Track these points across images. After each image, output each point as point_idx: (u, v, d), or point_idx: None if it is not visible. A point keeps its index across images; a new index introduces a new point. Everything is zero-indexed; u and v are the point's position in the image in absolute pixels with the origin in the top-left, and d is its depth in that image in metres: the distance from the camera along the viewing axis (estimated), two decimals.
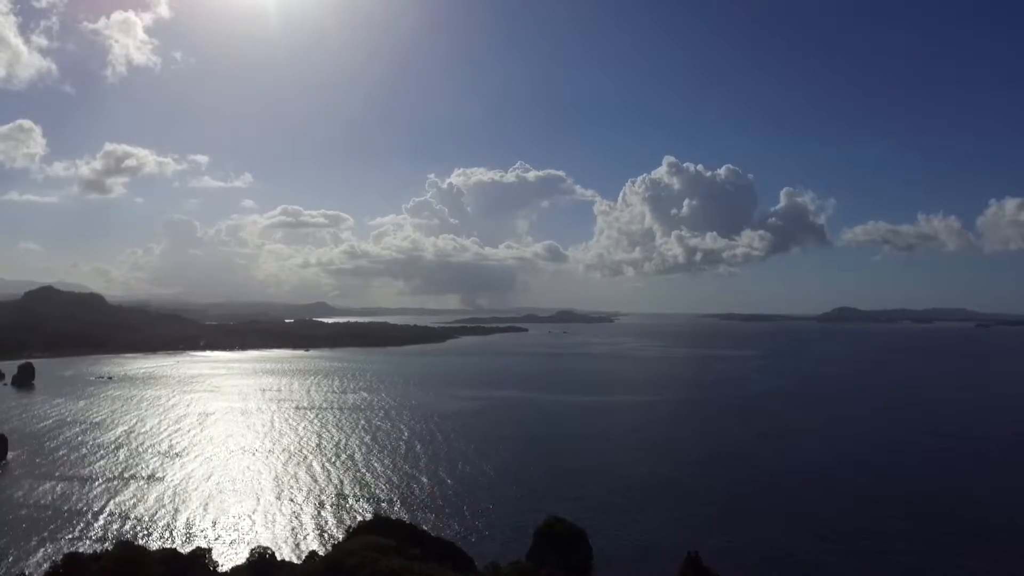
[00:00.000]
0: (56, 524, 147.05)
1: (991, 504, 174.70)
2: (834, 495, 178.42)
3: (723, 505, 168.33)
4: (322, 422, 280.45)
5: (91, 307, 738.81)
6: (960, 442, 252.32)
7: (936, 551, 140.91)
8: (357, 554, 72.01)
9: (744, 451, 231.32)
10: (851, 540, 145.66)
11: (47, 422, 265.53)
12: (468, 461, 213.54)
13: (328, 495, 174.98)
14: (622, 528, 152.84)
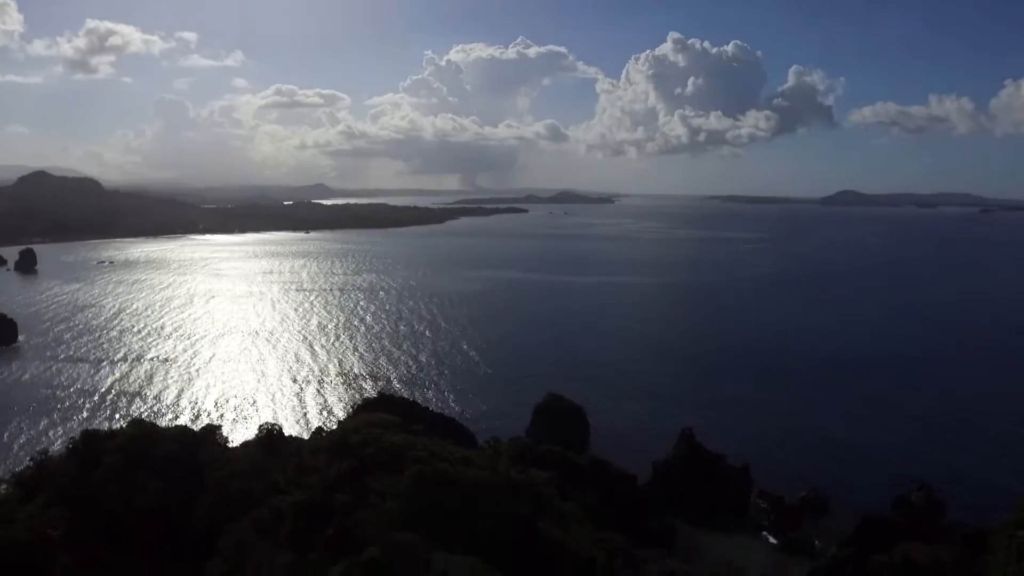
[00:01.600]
0: (70, 404, 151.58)
1: (962, 384, 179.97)
2: (828, 378, 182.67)
3: (718, 386, 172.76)
4: (324, 303, 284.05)
5: (87, 192, 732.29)
6: (951, 329, 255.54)
7: (915, 428, 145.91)
8: (361, 431, 74.30)
9: (741, 334, 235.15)
10: (840, 420, 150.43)
11: (53, 306, 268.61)
12: (469, 341, 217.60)
13: (331, 374, 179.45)
14: (620, 406, 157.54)
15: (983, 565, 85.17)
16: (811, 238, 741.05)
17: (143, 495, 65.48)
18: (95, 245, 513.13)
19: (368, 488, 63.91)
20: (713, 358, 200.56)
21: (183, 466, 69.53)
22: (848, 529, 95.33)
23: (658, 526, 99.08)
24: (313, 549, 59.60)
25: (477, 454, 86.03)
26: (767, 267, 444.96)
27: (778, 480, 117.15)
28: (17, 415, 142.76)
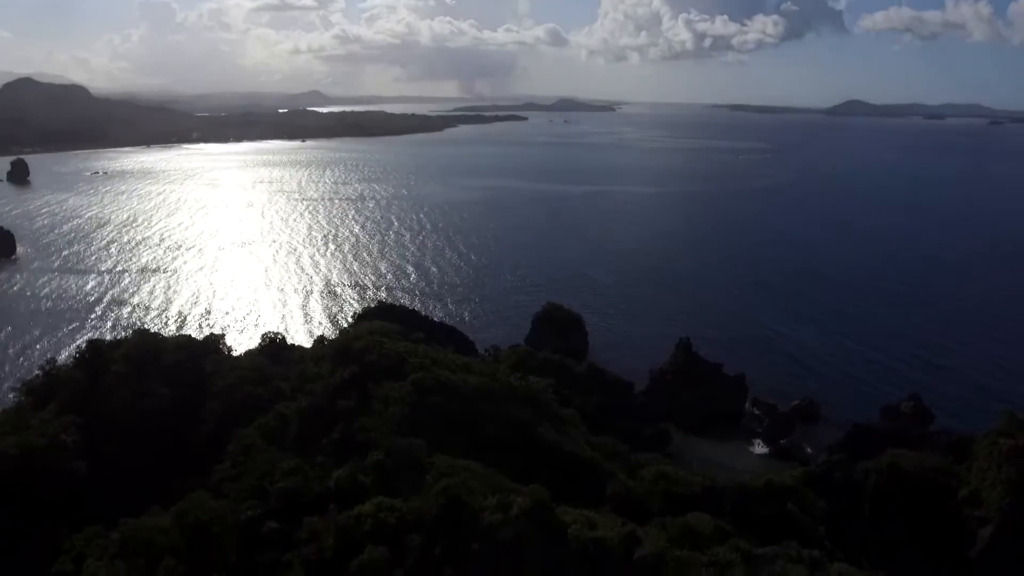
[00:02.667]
0: (73, 315, 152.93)
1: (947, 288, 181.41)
2: (823, 288, 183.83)
3: (717, 297, 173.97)
4: (321, 213, 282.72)
5: (76, 100, 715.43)
6: (950, 242, 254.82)
7: (908, 340, 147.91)
8: (363, 338, 75.35)
9: (741, 245, 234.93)
10: (835, 331, 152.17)
11: (50, 218, 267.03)
12: (468, 251, 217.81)
13: (331, 283, 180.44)
14: (618, 315, 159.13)
15: (966, 471, 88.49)
16: (815, 149, 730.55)
17: (151, 402, 66.87)
18: (87, 155, 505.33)
19: (371, 395, 65.26)
20: (712, 269, 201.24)
21: (189, 374, 70.74)
22: (838, 437, 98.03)
23: (653, 432, 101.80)
24: (318, 453, 61.47)
25: (477, 362, 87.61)
26: (769, 178, 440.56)
27: (772, 389, 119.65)
28: (22, 327, 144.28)
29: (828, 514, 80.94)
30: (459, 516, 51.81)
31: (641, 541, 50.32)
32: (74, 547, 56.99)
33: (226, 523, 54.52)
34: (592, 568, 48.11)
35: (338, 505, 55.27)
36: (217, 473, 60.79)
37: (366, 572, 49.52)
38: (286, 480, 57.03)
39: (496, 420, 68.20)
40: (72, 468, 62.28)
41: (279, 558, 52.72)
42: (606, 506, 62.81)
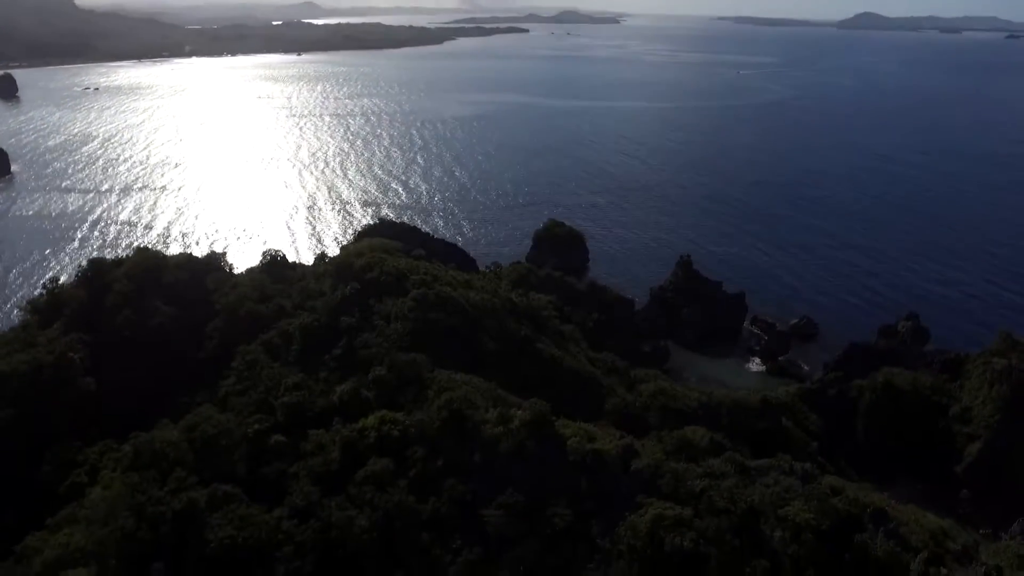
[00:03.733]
0: (73, 233, 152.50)
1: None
2: (826, 208, 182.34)
3: (719, 214, 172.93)
4: (318, 129, 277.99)
5: (61, 11, 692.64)
6: (955, 160, 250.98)
7: (909, 260, 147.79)
8: (364, 255, 75.27)
9: (745, 162, 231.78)
10: (837, 250, 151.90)
11: (43, 135, 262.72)
12: (469, 167, 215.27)
13: (332, 200, 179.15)
14: (620, 233, 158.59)
15: (958, 389, 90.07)
16: (824, 64, 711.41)
17: (155, 319, 67.35)
18: (77, 70, 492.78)
19: (372, 311, 65.67)
20: (715, 186, 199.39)
21: (191, 292, 70.98)
22: (835, 355, 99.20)
23: (652, 348, 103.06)
24: (321, 369, 62.36)
25: (478, 278, 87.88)
26: (774, 93, 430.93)
27: (772, 308, 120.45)
28: (23, 246, 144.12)
29: (821, 430, 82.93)
30: (460, 429, 53.03)
31: (638, 453, 51.64)
32: (88, 460, 58.60)
33: (233, 436, 55.85)
34: (591, 479, 49.52)
35: (342, 419, 56.50)
36: (223, 388, 61.82)
37: (371, 483, 51.09)
38: (291, 395, 58.09)
39: (497, 335, 68.86)
40: (80, 384, 63.41)
41: (286, 470, 54.25)
42: (605, 420, 64.15)
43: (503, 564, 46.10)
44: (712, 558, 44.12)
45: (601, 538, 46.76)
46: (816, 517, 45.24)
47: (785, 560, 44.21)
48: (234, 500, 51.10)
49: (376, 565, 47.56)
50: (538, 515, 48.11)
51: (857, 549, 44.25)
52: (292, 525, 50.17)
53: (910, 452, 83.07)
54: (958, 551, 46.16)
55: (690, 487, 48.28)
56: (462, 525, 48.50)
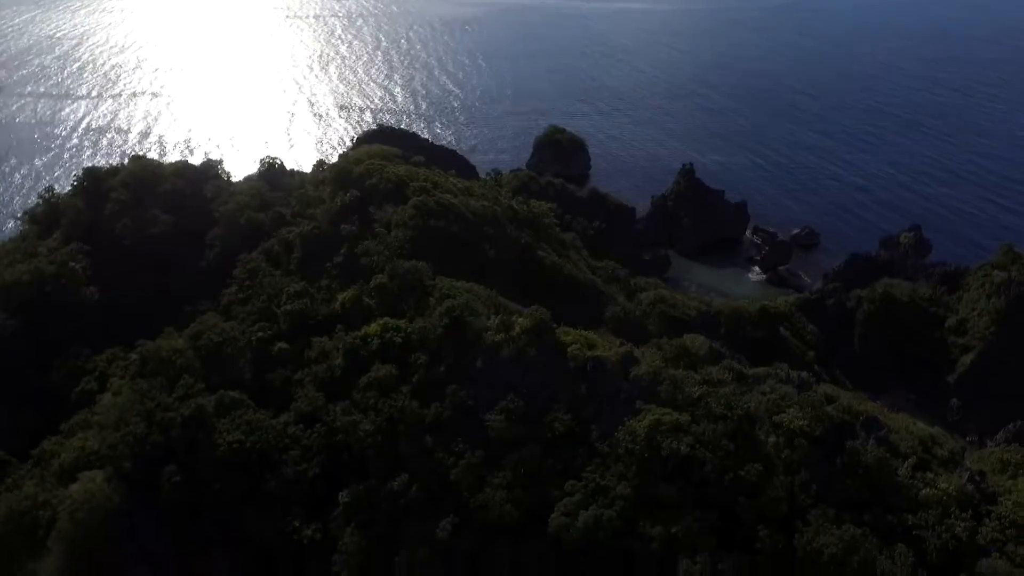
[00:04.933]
0: (67, 141, 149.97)
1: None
2: (831, 117, 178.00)
3: (723, 123, 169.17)
4: (309, 32, 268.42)
5: None
6: (962, 66, 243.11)
7: (914, 171, 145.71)
8: (363, 162, 74.03)
9: (748, 70, 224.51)
10: (841, 161, 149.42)
11: (17, 38, 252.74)
12: (468, 72, 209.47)
13: (327, 106, 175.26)
14: (621, 140, 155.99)
15: (956, 301, 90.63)
16: None
17: (154, 229, 67.01)
18: None
19: (373, 219, 65.25)
20: (719, 94, 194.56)
21: (189, 200, 70.33)
22: (835, 266, 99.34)
23: (653, 257, 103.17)
24: (323, 277, 62.48)
25: (479, 185, 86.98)
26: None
27: (773, 217, 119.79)
28: (16, 155, 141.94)
29: (819, 339, 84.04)
30: (462, 336, 53.62)
31: (638, 360, 52.38)
32: (96, 368, 59.60)
33: (238, 344, 56.56)
34: (590, 385, 50.44)
35: (345, 326, 57.10)
36: (225, 297, 62.15)
37: (374, 389, 52.10)
38: (293, 303, 58.45)
39: (498, 243, 68.72)
40: (83, 294, 63.71)
41: (291, 376, 55.22)
42: (605, 327, 64.84)
43: (504, 467, 47.55)
44: (708, 462, 45.48)
45: (600, 442, 48.03)
46: (810, 424, 46.36)
47: (778, 464, 45.58)
48: (241, 406, 52.28)
49: (380, 468, 49.06)
50: (538, 420, 49.25)
51: (848, 455, 45.55)
52: (298, 430, 51.50)
53: (905, 362, 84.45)
54: (945, 457, 47.52)
55: (688, 394, 49.21)
56: (464, 429, 49.71)
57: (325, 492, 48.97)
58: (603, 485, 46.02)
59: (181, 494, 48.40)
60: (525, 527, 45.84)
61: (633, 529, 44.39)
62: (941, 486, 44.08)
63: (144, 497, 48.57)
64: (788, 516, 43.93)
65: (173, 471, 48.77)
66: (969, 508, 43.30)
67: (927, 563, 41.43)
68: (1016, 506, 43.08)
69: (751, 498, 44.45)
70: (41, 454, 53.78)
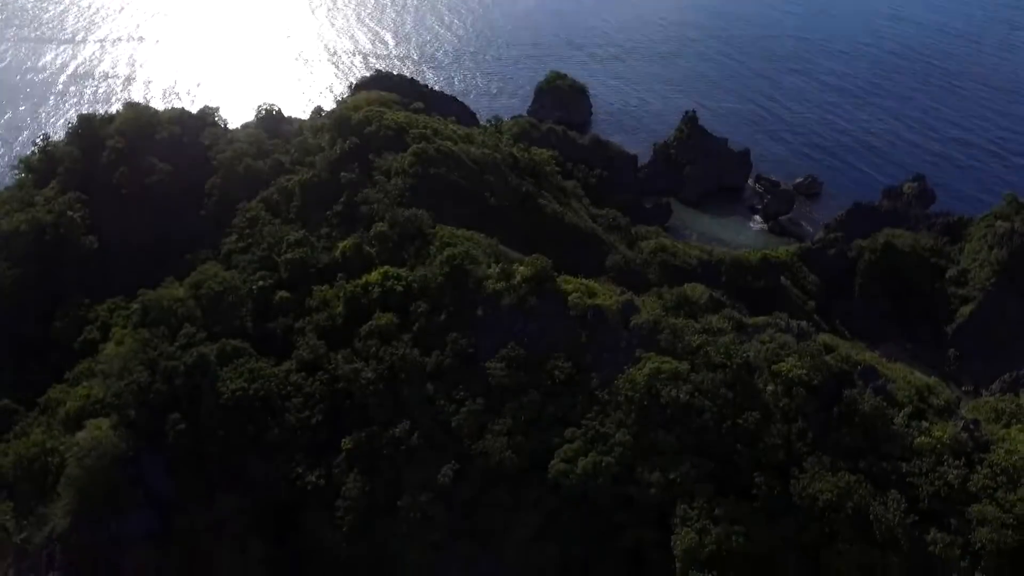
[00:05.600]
0: (53, 87, 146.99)
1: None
2: (837, 64, 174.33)
3: (727, 70, 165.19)
4: None
5: None
6: (970, 13, 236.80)
7: (920, 121, 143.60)
8: (362, 108, 72.84)
9: (754, 18, 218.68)
10: (847, 110, 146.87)
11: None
12: (467, 17, 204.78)
13: (324, 53, 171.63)
14: (624, 87, 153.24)
15: (958, 252, 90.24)
16: None
17: (152, 177, 66.45)
18: None
19: (372, 166, 64.63)
20: (724, 42, 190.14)
21: (187, 148, 69.58)
22: (838, 215, 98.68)
23: (654, 205, 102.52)
24: (323, 225, 62.15)
25: (479, 132, 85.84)
26: None
27: (777, 166, 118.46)
28: (7, 102, 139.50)
29: (819, 289, 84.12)
30: (463, 284, 53.71)
31: (638, 309, 52.54)
32: (98, 317, 59.85)
33: (239, 293, 56.64)
34: (591, 333, 50.69)
35: (345, 275, 57.12)
36: (225, 246, 62.00)
37: (375, 337, 52.39)
38: (293, 251, 58.31)
39: (498, 191, 68.25)
40: (83, 243, 63.50)
41: (292, 325, 55.45)
42: (605, 276, 64.89)
43: (504, 414, 48.14)
44: (706, 410, 46.01)
45: (599, 390, 48.53)
46: (808, 373, 46.72)
47: (776, 413, 46.10)
48: (243, 354, 52.69)
49: (382, 415, 49.70)
50: (538, 368, 49.68)
51: (846, 404, 46.02)
52: (300, 378, 52.00)
53: (904, 312, 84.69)
54: (940, 406, 48.01)
55: (687, 342, 49.49)
56: (464, 377, 50.19)
57: (328, 439, 49.77)
58: (602, 432, 46.70)
59: (186, 441, 49.22)
60: (525, 473, 46.72)
61: (632, 475, 45.25)
62: (935, 434, 44.66)
63: (150, 444, 49.40)
64: (785, 463, 44.67)
65: (177, 419, 49.44)
66: (962, 456, 43.97)
67: (919, 509, 42.27)
68: (1008, 454, 43.73)
69: (748, 446, 45.15)
70: (47, 402, 54.44)
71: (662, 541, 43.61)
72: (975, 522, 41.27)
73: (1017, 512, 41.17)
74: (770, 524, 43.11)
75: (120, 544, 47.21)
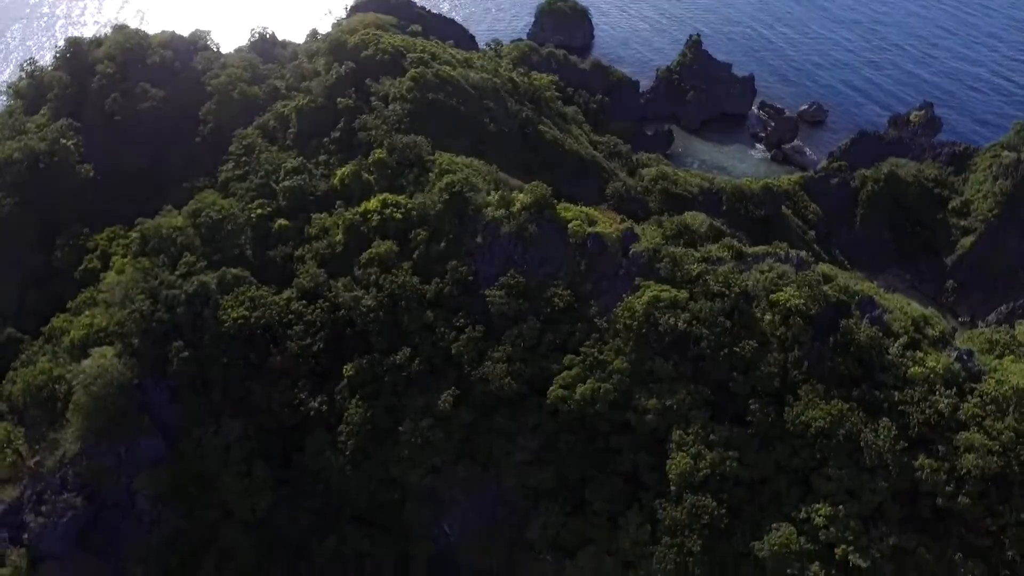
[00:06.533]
0: (36, 8, 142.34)
1: None
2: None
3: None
4: None
5: None
6: None
7: (928, 50, 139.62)
8: (358, 31, 70.84)
9: None
10: (854, 37, 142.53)
11: None
12: None
13: None
14: (627, 9, 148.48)
15: (962, 182, 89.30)
16: None
17: (146, 103, 65.22)
18: None
19: (370, 91, 63.39)
20: None
21: (179, 73, 68.06)
22: (842, 143, 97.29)
23: (656, 132, 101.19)
24: (320, 152, 61.32)
25: (478, 56, 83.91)
26: None
27: (782, 93, 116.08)
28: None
29: (820, 218, 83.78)
30: (462, 211, 53.41)
31: (638, 237, 52.42)
32: (98, 246, 59.75)
33: (237, 221, 56.34)
34: (590, 261, 50.72)
35: (344, 202, 56.73)
36: (222, 174, 61.36)
37: (375, 265, 52.38)
38: (291, 179, 57.69)
39: (498, 117, 67.24)
40: (78, 171, 62.75)
41: (292, 253, 55.39)
42: (606, 204, 64.51)
43: (503, 341, 48.63)
44: (704, 338, 46.45)
45: (598, 318, 48.92)
46: (806, 303, 46.92)
47: (773, 342, 46.54)
48: (244, 283, 52.82)
49: (383, 342, 50.21)
50: (538, 295, 49.97)
51: (842, 333, 46.41)
52: (301, 305, 52.27)
53: (904, 243, 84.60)
54: (936, 337, 48.39)
55: (687, 271, 49.56)
56: (464, 305, 50.52)
57: (329, 366, 50.44)
58: (601, 359, 47.28)
59: (190, 369, 49.86)
60: (524, 399, 47.55)
61: (629, 402, 46.05)
62: (929, 364, 45.21)
63: (154, 371, 50.09)
64: (779, 391, 45.40)
65: (180, 347, 49.94)
66: (954, 386, 44.60)
67: (909, 436, 43.18)
68: (999, 384, 44.38)
69: (744, 374, 45.78)
70: (51, 331, 54.90)
71: (658, 465, 44.75)
72: (962, 449, 42.22)
73: (1004, 440, 42.18)
74: (763, 450, 44.16)
75: (129, 468, 48.48)
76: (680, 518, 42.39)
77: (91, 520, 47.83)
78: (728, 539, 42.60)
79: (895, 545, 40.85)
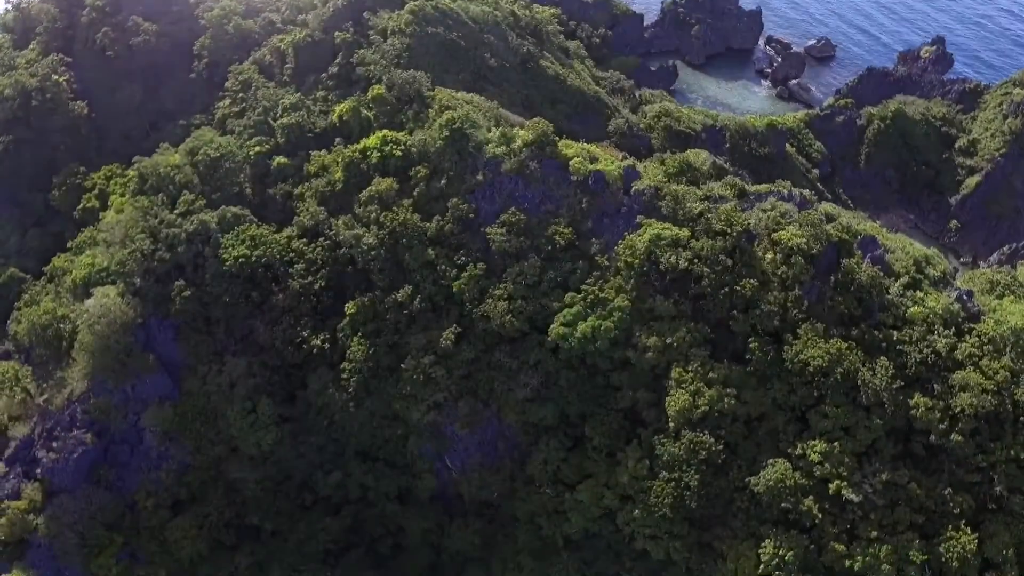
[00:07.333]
0: None
1: None
2: None
3: None
4: None
5: None
6: None
7: None
8: None
9: None
10: None
11: None
12: None
13: None
14: None
15: (971, 121, 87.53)
16: None
17: (139, 38, 63.66)
18: None
19: (368, 25, 61.84)
20: None
21: (171, 5, 66.31)
22: (849, 80, 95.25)
23: (660, 67, 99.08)
24: (318, 88, 60.10)
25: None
26: None
27: (790, 27, 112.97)
28: None
29: (825, 157, 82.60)
30: (463, 148, 52.67)
31: (640, 175, 51.84)
32: (95, 185, 59.22)
33: (236, 159, 55.66)
34: (592, 199, 50.31)
35: (343, 139, 55.93)
36: (219, 110, 60.42)
37: (375, 202, 51.96)
38: (289, 115, 56.69)
39: (499, 52, 65.82)
40: (71, 108, 61.70)
41: (291, 191, 54.90)
42: (608, 141, 63.65)
43: (505, 279, 48.64)
44: (705, 277, 46.40)
45: (599, 255, 48.76)
46: (808, 242, 46.64)
47: (774, 281, 46.49)
48: (243, 221, 52.52)
49: (384, 280, 50.24)
50: (539, 233, 49.71)
51: (843, 273, 46.35)
52: (302, 244, 52.09)
53: (909, 182, 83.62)
54: (936, 277, 48.35)
55: (688, 209, 49.17)
56: (465, 242, 50.33)
57: (331, 304, 50.62)
58: (602, 297, 47.35)
59: (192, 307, 50.09)
60: (525, 336, 47.86)
61: (629, 339, 46.31)
62: (928, 304, 45.27)
63: (157, 311, 50.32)
64: (779, 330, 45.58)
65: (182, 286, 50.02)
66: (952, 326, 44.77)
67: (905, 375, 43.55)
68: (997, 324, 44.59)
69: (744, 312, 45.89)
70: (53, 271, 54.92)
71: (657, 402, 45.35)
72: (957, 388, 42.64)
73: (999, 379, 42.61)
74: (761, 387, 44.66)
75: (136, 405, 49.22)
76: (678, 454, 43.17)
77: (101, 455, 48.98)
78: (725, 474, 43.54)
79: (887, 480, 41.62)
